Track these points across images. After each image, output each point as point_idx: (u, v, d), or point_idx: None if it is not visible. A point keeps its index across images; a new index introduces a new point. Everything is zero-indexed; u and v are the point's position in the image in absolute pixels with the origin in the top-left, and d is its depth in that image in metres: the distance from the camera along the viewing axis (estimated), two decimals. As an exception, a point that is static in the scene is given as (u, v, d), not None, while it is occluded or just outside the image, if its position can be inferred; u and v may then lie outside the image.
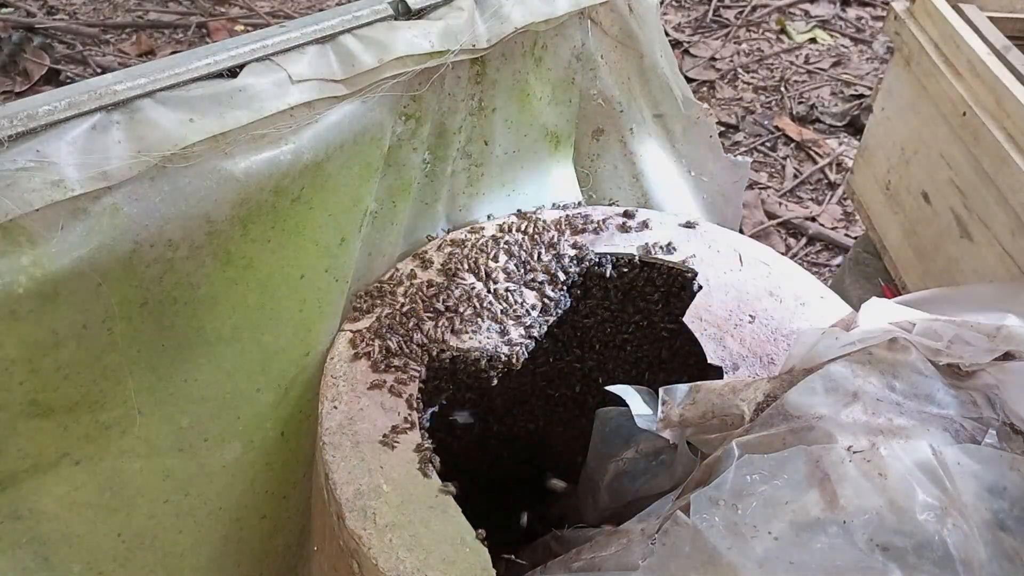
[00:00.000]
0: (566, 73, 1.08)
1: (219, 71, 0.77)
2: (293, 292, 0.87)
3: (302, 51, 0.81)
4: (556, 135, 1.12)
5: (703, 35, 2.74)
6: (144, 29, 2.51)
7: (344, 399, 0.86)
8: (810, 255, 2.09)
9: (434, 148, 0.99)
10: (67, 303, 0.71)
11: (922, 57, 1.25)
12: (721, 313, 0.97)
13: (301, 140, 0.80)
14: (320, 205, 0.86)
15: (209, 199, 0.76)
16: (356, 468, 0.79)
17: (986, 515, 0.70)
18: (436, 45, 0.87)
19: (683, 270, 1.02)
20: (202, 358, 0.83)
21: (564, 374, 1.16)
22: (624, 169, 1.20)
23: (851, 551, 0.68)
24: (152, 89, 0.73)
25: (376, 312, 0.94)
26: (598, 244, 1.04)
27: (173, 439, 0.84)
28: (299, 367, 0.91)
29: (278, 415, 0.92)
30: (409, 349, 0.91)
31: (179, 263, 0.77)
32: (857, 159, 1.50)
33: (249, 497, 0.93)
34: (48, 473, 0.77)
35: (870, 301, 0.93)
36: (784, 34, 2.79)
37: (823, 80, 2.61)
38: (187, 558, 0.91)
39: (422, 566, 0.71)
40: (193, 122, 0.73)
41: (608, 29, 1.07)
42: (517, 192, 1.12)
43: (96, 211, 0.69)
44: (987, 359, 0.82)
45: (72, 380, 0.74)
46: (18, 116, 0.67)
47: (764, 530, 0.71)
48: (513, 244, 1.03)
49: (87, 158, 0.68)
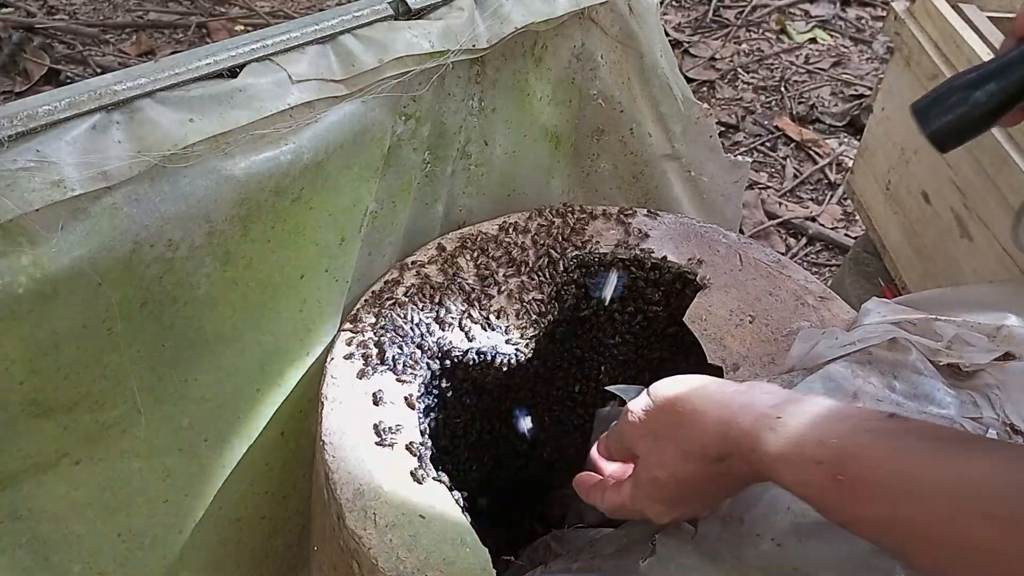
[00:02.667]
0: (566, 73, 1.08)
1: (219, 71, 0.77)
2: (293, 292, 0.87)
3: (302, 51, 0.81)
4: (556, 135, 1.12)
5: (703, 35, 2.74)
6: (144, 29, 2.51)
7: (344, 399, 0.85)
8: (810, 255, 2.09)
9: (434, 148, 0.99)
10: (67, 303, 0.71)
11: (922, 57, 1.25)
12: (721, 313, 0.97)
13: (301, 140, 0.80)
14: (320, 205, 0.86)
15: (209, 199, 0.76)
16: (356, 468, 0.79)
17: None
18: (436, 45, 0.87)
19: (683, 270, 1.02)
20: (202, 358, 0.83)
21: (564, 374, 1.16)
22: (624, 169, 1.19)
23: (854, 553, 0.68)
24: (152, 89, 0.73)
25: (376, 312, 0.94)
26: (598, 244, 1.04)
27: (173, 439, 0.84)
28: (299, 367, 0.91)
29: (278, 415, 0.92)
30: (409, 349, 0.91)
31: (179, 263, 0.77)
32: (857, 159, 1.50)
33: (249, 497, 0.93)
34: (48, 473, 0.77)
35: (870, 301, 0.93)
36: (784, 34, 2.79)
37: (823, 80, 2.61)
38: (187, 558, 0.91)
39: (422, 566, 0.71)
40: (193, 122, 0.73)
41: (608, 29, 1.07)
42: (517, 192, 1.12)
43: (96, 211, 0.69)
44: (987, 359, 0.82)
45: (72, 380, 0.74)
46: (18, 116, 0.67)
47: (767, 535, 0.70)
48: (513, 244, 1.03)
49: (87, 158, 0.68)
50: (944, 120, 0.57)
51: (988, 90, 0.56)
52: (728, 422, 0.64)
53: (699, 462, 0.66)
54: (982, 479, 0.53)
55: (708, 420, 0.65)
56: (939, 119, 0.57)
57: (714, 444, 0.64)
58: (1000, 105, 0.57)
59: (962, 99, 0.57)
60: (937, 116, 0.57)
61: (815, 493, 0.59)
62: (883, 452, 0.56)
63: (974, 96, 0.56)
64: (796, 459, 0.59)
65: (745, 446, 0.62)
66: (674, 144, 1.20)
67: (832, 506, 0.59)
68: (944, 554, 0.54)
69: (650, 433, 0.70)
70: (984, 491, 0.52)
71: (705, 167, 1.25)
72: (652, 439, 0.69)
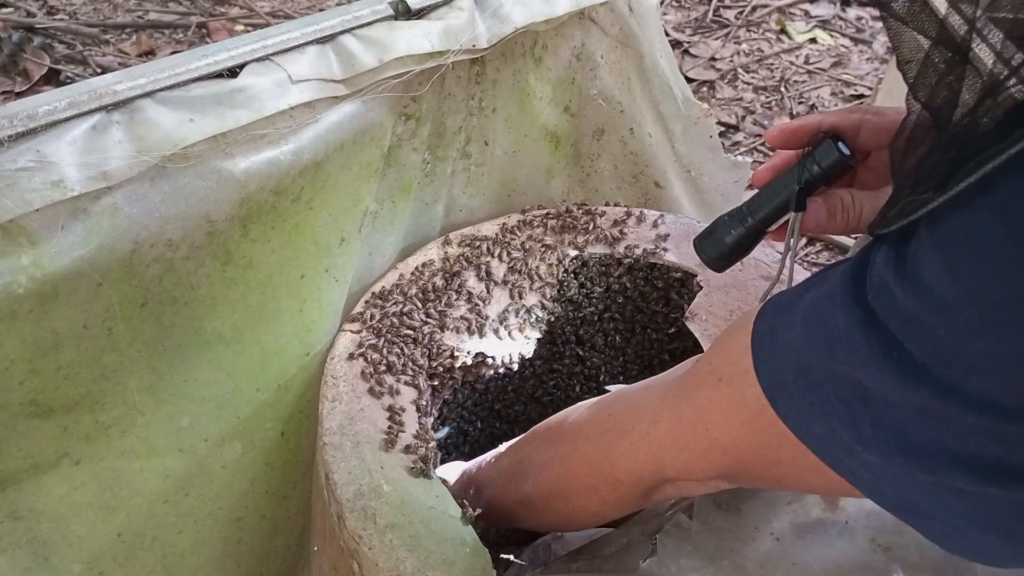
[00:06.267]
0: (566, 73, 1.08)
1: (219, 71, 0.77)
2: (293, 292, 0.87)
3: (302, 51, 0.81)
4: (556, 135, 1.12)
5: (703, 35, 2.74)
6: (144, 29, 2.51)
7: (344, 399, 0.85)
8: (810, 255, 2.09)
9: (434, 148, 0.99)
10: (67, 303, 0.70)
11: (922, 57, 1.25)
12: (721, 313, 0.97)
13: (301, 140, 0.80)
14: (320, 205, 0.86)
15: (209, 199, 0.76)
16: (356, 468, 0.79)
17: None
18: (436, 45, 0.87)
19: (683, 270, 1.02)
20: (202, 358, 0.83)
21: (564, 374, 1.16)
22: (624, 169, 1.20)
23: (853, 551, 0.68)
24: (152, 89, 0.73)
25: (376, 312, 0.94)
26: (598, 244, 1.04)
27: (173, 439, 0.84)
28: (299, 367, 0.91)
29: (278, 415, 0.92)
30: (409, 350, 0.91)
31: (179, 263, 0.77)
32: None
33: (249, 497, 0.93)
34: (48, 473, 0.77)
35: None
36: (784, 34, 2.79)
37: (823, 80, 2.61)
38: (187, 558, 0.91)
39: (422, 566, 0.71)
40: (193, 122, 0.73)
41: (608, 29, 1.07)
42: (517, 192, 1.12)
43: (96, 211, 0.69)
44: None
45: (72, 380, 0.74)
46: (18, 116, 0.67)
47: (766, 531, 0.71)
48: (513, 245, 1.03)
49: (87, 158, 0.68)
50: (711, 251, 0.72)
51: (739, 228, 0.70)
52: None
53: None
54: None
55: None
56: (707, 250, 0.73)
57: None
58: (750, 236, 0.70)
59: (722, 233, 0.71)
60: (706, 248, 0.73)
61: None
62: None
63: (729, 232, 0.70)
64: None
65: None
66: (674, 144, 1.20)
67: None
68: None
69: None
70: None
71: (705, 167, 1.25)
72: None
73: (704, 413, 0.59)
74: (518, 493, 0.79)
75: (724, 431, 0.57)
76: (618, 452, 0.67)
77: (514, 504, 0.80)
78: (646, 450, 0.64)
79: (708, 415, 0.58)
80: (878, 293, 0.44)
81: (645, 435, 0.64)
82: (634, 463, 0.66)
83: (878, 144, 0.67)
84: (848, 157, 0.65)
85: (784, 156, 0.71)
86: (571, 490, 0.73)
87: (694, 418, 0.60)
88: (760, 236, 0.70)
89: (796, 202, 0.66)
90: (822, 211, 0.66)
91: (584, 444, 0.71)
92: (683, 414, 0.61)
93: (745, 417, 0.55)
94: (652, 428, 0.64)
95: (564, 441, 0.75)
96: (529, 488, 0.77)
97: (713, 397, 0.58)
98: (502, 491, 0.81)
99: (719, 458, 0.59)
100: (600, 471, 0.69)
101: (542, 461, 0.76)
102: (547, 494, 0.76)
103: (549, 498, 0.76)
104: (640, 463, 0.65)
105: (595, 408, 0.74)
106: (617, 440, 0.67)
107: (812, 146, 0.66)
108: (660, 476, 0.65)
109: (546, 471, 0.75)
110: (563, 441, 0.75)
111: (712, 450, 0.59)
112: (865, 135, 0.67)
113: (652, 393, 0.67)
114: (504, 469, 0.83)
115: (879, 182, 0.69)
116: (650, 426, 0.64)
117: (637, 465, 0.66)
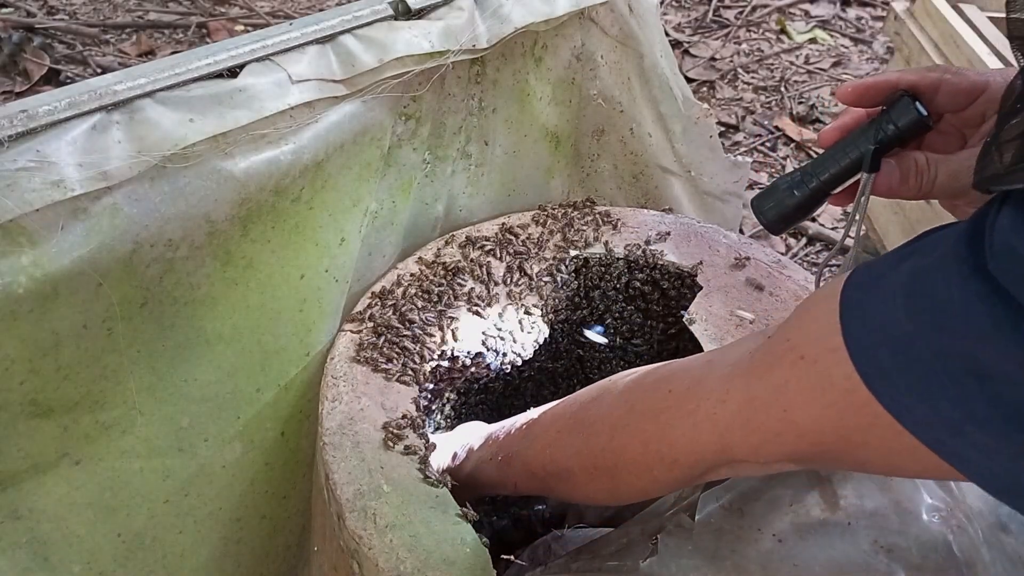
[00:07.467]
0: (566, 73, 1.08)
1: (219, 71, 0.77)
2: (293, 292, 0.87)
3: (302, 51, 0.81)
4: (556, 135, 1.12)
5: (703, 35, 2.74)
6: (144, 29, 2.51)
7: (344, 399, 0.85)
8: (810, 255, 2.09)
9: (434, 148, 0.99)
10: (67, 303, 0.70)
11: (922, 57, 1.25)
12: (721, 313, 0.97)
13: (301, 140, 0.80)
14: (320, 205, 0.85)
15: (209, 199, 0.76)
16: (356, 468, 0.79)
17: (990, 518, 0.70)
18: (436, 45, 0.87)
19: (683, 270, 1.02)
20: (202, 358, 0.83)
21: (564, 374, 1.16)
22: (624, 169, 1.19)
23: (855, 552, 0.68)
24: (152, 89, 0.73)
25: (376, 312, 0.94)
26: (598, 244, 1.04)
27: (173, 439, 0.84)
28: (299, 367, 0.91)
29: (278, 415, 0.92)
30: (409, 350, 0.90)
31: (179, 263, 0.77)
32: (857, 159, 1.50)
33: (249, 497, 0.93)
34: (48, 473, 0.77)
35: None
36: (784, 34, 2.79)
37: (823, 80, 2.61)
38: (187, 558, 0.91)
39: (422, 566, 0.71)
40: (193, 122, 0.73)
41: (608, 29, 1.07)
42: (517, 192, 1.12)
43: (96, 211, 0.69)
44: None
45: (72, 380, 0.74)
46: (18, 116, 0.67)
47: (767, 531, 0.71)
48: (513, 244, 1.03)
49: (87, 158, 0.68)
50: (771, 212, 0.69)
51: (803, 188, 0.67)
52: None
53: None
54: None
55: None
56: (767, 212, 0.69)
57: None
58: (814, 197, 0.67)
59: (784, 195, 0.68)
60: (767, 209, 0.69)
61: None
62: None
63: (791, 193, 0.68)
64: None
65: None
66: (674, 144, 1.20)
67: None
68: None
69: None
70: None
71: (705, 167, 1.25)
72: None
73: (780, 394, 0.55)
74: (555, 464, 0.75)
75: (803, 412, 0.54)
76: (679, 432, 0.63)
77: (548, 475, 0.76)
78: (711, 431, 0.60)
79: (785, 395, 0.55)
80: (1002, 260, 0.40)
81: (710, 416, 0.60)
82: (696, 444, 0.62)
83: (955, 106, 0.63)
84: (926, 117, 0.62)
85: (854, 115, 0.67)
86: (619, 466, 0.69)
87: (768, 399, 0.56)
88: (824, 199, 0.67)
89: (870, 163, 0.62)
90: (896, 173, 0.63)
91: (639, 420, 0.67)
92: (755, 394, 0.57)
93: (831, 398, 0.51)
94: (719, 408, 0.60)
95: (613, 415, 0.70)
96: (569, 461, 0.73)
97: (791, 376, 0.54)
98: (535, 460, 0.77)
99: (793, 441, 0.55)
100: (657, 450, 0.64)
101: (587, 434, 0.71)
102: (590, 467, 0.71)
103: (592, 471, 0.71)
104: (703, 444, 0.61)
105: (649, 382, 0.69)
106: (679, 419, 0.63)
107: (888, 105, 0.63)
108: (723, 458, 0.61)
109: (592, 443, 0.70)
110: (612, 415, 0.70)
111: (786, 432, 0.55)
112: (943, 96, 0.63)
113: (716, 371, 0.62)
114: (538, 438, 0.78)
115: (949, 147, 0.65)
116: (716, 406, 0.60)
117: (699, 447, 0.62)
